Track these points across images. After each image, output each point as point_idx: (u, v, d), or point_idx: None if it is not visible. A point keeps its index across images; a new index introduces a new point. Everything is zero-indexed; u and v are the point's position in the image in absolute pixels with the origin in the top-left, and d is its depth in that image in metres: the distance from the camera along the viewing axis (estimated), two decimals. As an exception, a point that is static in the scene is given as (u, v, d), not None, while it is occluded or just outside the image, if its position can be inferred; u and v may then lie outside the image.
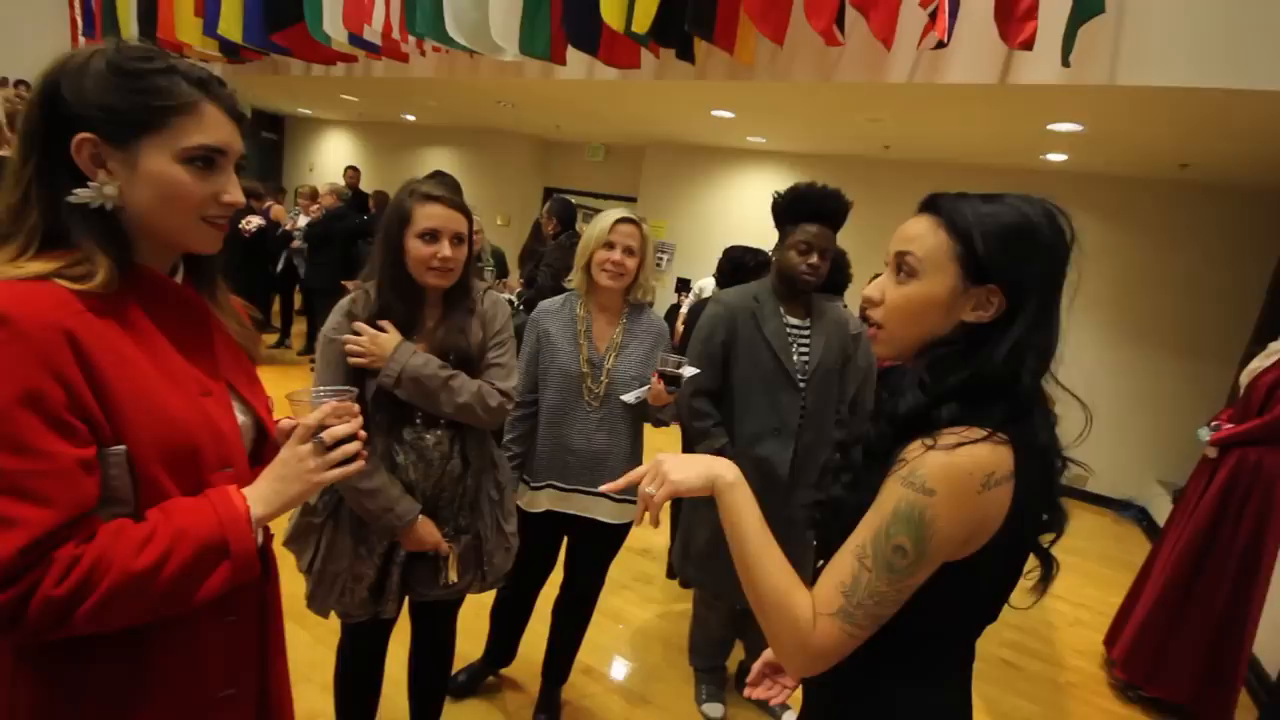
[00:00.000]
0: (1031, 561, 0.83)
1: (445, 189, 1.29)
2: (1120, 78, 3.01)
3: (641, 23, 3.41)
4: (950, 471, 0.66)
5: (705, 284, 5.82)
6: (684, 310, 5.54)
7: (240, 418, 0.82)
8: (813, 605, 0.71)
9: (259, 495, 0.75)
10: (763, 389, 1.81)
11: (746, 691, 1.03)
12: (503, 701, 2.01)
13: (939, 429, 0.70)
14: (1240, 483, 2.37)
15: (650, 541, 3.20)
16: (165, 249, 0.76)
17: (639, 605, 2.68)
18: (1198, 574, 2.42)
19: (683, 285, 6.51)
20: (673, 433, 2.13)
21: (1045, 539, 0.82)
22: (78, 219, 0.67)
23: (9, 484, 0.60)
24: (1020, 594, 0.82)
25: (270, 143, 10.42)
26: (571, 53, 4.02)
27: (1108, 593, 3.18)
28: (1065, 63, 2.92)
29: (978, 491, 0.67)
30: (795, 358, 1.81)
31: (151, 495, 0.70)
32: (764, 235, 1.88)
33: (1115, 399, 5.09)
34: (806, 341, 1.84)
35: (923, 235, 0.75)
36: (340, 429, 0.78)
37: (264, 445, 0.86)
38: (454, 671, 1.79)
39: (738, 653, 2.26)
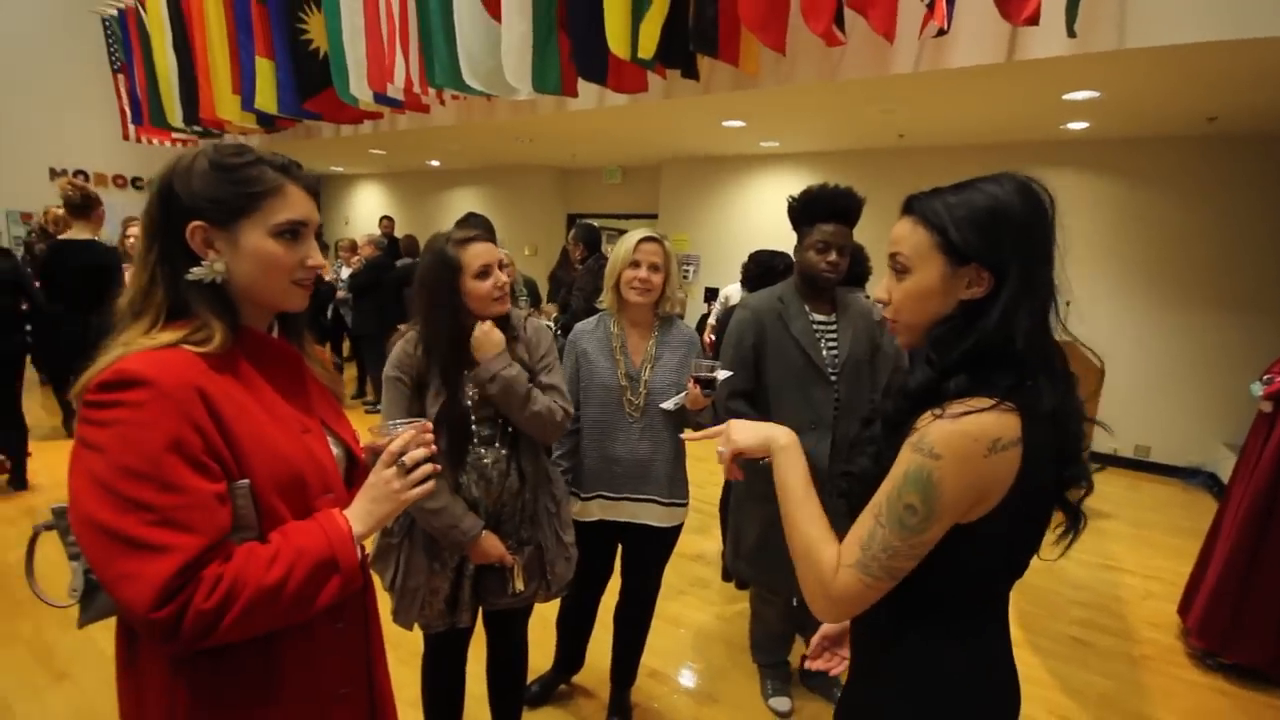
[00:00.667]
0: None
1: (477, 228, 1.43)
2: (1130, 41, 3.00)
3: (647, 48, 3.55)
4: (955, 438, 0.73)
5: (730, 291, 5.87)
6: (712, 320, 5.62)
7: (334, 449, 0.95)
8: (838, 557, 0.79)
9: (356, 515, 0.87)
10: (795, 385, 1.88)
11: (808, 664, 1.11)
12: (576, 707, 2.10)
13: (948, 400, 0.77)
14: (1300, 435, 2.31)
15: (703, 548, 3.26)
16: (263, 311, 0.89)
17: (698, 609, 2.74)
18: (1264, 533, 2.36)
19: (711, 295, 6.58)
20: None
21: (1075, 494, 0.86)
22: (195, 293, 0.81)
23: (162, 517, 0.73)
24: (1056, 550, 0.87)
25: (307, 202, 10.96)
26: (582, 84, 4.19)
27: (1179, 563, 3.10)
28: (1071, 33, 2.94)
29: (984, 456, 0.73)
30: (825, 352, 1.88)
31: (271, 520, 0.83)
32: (786, 237, 1.95)
33: (1167, 363, 4.95)
34: (834, 336, 1.91)
35: (906, 235, 0.84)
36: (419, 453, 0.90)
37: (355, 471, 0.99)
38: (528, 682, 1.89)
39: (799, 648, 2.30)
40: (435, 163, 8.83)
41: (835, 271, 1.81)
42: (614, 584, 2.00)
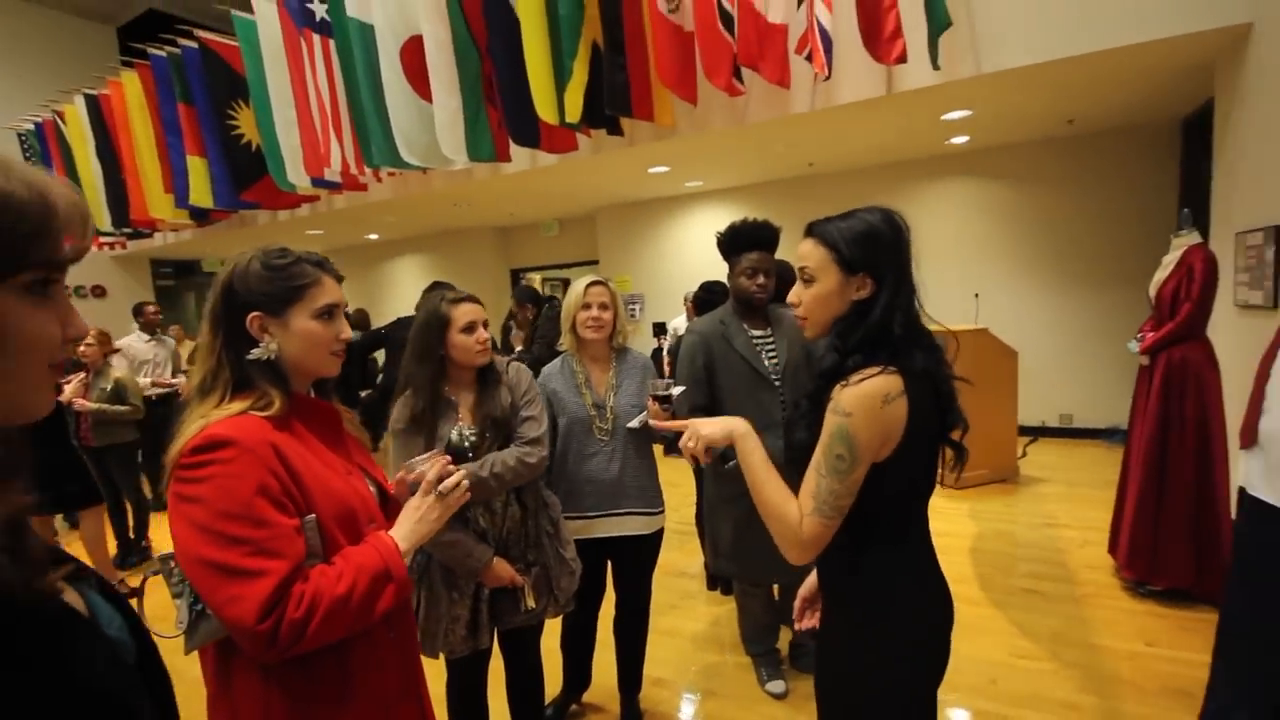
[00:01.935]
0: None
1: (464, 293, 1.66)
2: (985, 67, 3.51)
3: (573, 113, 3.89)
4: (859, 398, 0.99)
5: (678, 323, 6.21)
6: (666, 352, 5.89)
7: (371, 488, 1.13)
8: (799, 510, 1.02)
9: (401, 535, 1.06)
10: (746, 394, 2.14)
11: (796, 626, 1.32)
12: (590, 724, 2.24)
13: (849, 375, 1.03)
14: (1174, 378, 2.72)
15: (685, 564, 3.44)
16: (306, 378, 1.08)
17: (688, 619, 2.91)
18: (1163, 469, 2.73)
19: (659, 329, 6.87)
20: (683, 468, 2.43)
21: (956, 434, 1.13)
22: (255, 369, 1.00)
23: (257, 548, 0.90)
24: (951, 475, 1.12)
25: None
26: (514, 148, 4.48)
27: (1108, 512, 3.46)
28: (935, 66, 3.42)
29: (880, 407, 0.99)
30: (767, 362, 2.15)
31: (333, 548, 1.00)
32: (720, 265, 2.23)
33: (1075, 338, 5.49)
34: (773, 347, 2.19)
35: (810, 253, 1.10)
36: (452, 480, 1.10)
37: (387, 504, 1.17)
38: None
39: (786, 637, 2.51)
40: (374, 236, 8.97)
41: (764, 292, 2.10)
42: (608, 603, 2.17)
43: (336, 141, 4.89)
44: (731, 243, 2.11)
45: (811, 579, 1.34)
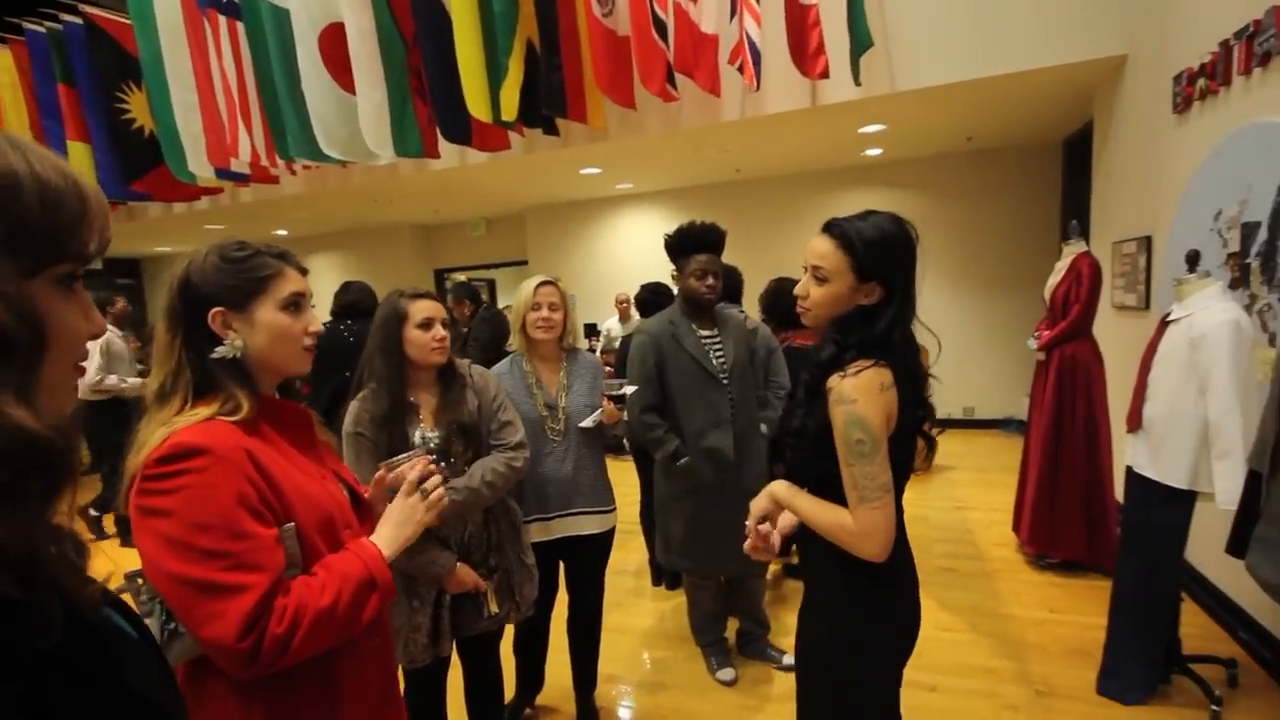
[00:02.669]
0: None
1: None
2: (899, 85, 3.76)
3: (509, 111, 3.83)
4: (860, 386, 1.06)
5: (610, 324, 6.26)
6: (600, 353, 5.91)
7: (344, 492, 1.09)
8: (850, 513, 1.08)
9: (383, 539, 1.03)
10: (696, 393, 2.20)
11: (746, 547, 1.28)
12: (545, 726, 2.23)
13: (846, 366, 1.09)
14: (1066, 373, 3.03)
15: (628, 561, 3.48)
16: (274, 377, 1.02)
17: (636, 616, 2.95)
18: (1058, 453, 3.04)
19: (590, 330, 6.89)
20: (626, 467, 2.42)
21: (926, 426, 1.22)
22: (220, 369, 0.94)
23: (236, 561, 0.85)
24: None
25: (129, 288, 9.91)
26: (444, 144, 4.36)
27: (1010, 495, 3.80)
28: (857, 82, 3.63)
29: (879, 393, 1.07)
30: (715, 361, 2.22)
31: (312, 556, 0.96)
32: (653, 267, 2.28)
33: (977, 338, 5.98)
34: (720, 347, 2.26)
35: (829, 254, 1.12)
36: (435, 480, 1.08)
37: (360, 508, 1.13)
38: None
39: (734, 625, 2.59)
40: (283, 231, 8.44)
41: (714, 292, 2.16)
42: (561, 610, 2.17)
43: (245, 131, 4.57)
44: (681, 245, 2.17)
45: (786, 519, 1.32)
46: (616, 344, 5.35)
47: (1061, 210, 5.40)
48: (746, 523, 1.25)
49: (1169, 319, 2.14)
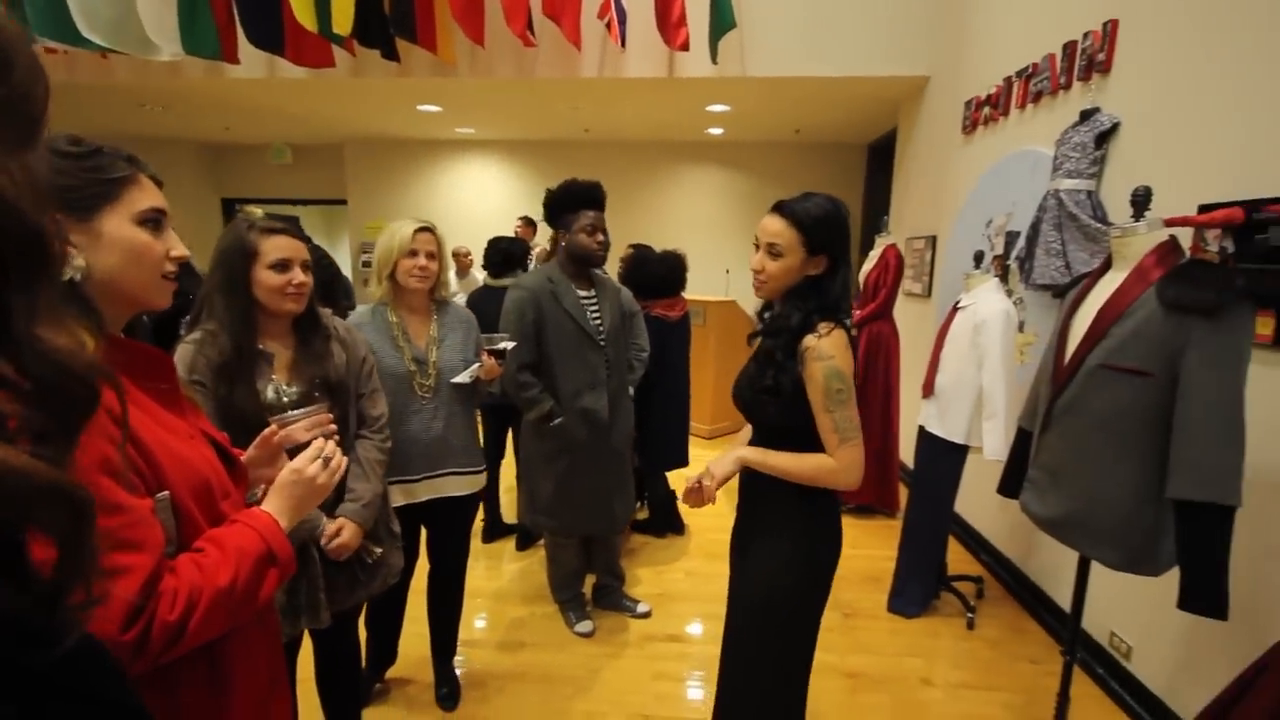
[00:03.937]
0: None
1: (284, 222, 1.37)
2: (749, 71, 3.97)
3: (342, 24, 3.37)
4: (833, 343, 1.24)
5: (449, 279, 5.88)
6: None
7: (214, 453, 0.92)
8: (829, 454, 1.22)
9: (279, 510, 0.90)
10: (573, 352, 2.19)
11: (682, 499, 1.43)
12: (403, 695, 2.12)
13: (815, 328, 1.24)
14: (873, 348, 3.52)
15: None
16: (123, 311, 0.81)
17: (485, 579, 2.90)
18: (864, 414, 3.55)
19: (419, 283, 6.42)
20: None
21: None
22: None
23: (114, 540, 0.68)
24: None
25: None
26: (247, 48, 3.71)
27: (815, 450, 4.39)
28: (714, 61, 3.77)
29: (845, 348, 1.25)
30: (592, 322, 2.22)
31: (189, 531, 0.80)
32: (488, 218, 2.21)
33: (788, 312, 6.66)
34: (596, 308, 2.26)
35: (782, 231, 1.28)
36: (333, 446, 0.96)
37: (233, 470, 0.95)
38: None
39: (589, 580, 2.67)
40: None
41: (603, 249, 2.15)
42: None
43: (-42, -12, 3.45)
44: (568, 200, 2.11)
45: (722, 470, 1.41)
46: (455, 300, 5.07)
47: (864, 206, 6.19)
48: (691, 478, 1.37)
49: (959, 306, 2.59)
